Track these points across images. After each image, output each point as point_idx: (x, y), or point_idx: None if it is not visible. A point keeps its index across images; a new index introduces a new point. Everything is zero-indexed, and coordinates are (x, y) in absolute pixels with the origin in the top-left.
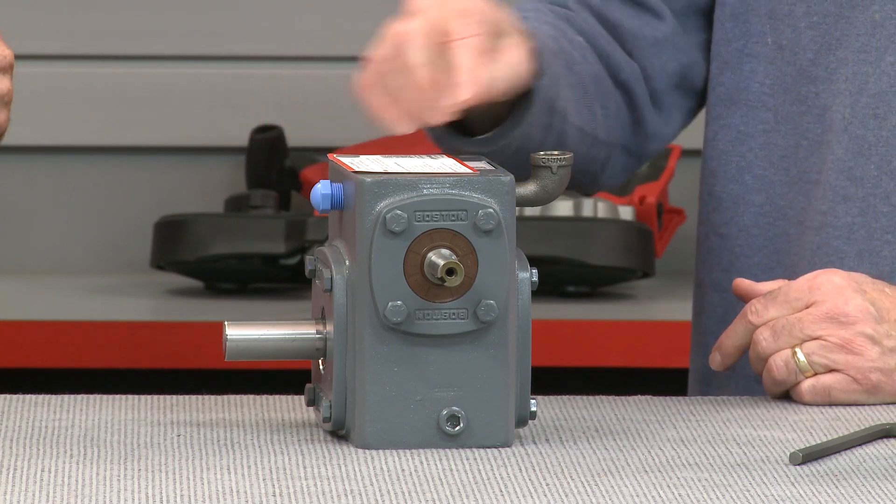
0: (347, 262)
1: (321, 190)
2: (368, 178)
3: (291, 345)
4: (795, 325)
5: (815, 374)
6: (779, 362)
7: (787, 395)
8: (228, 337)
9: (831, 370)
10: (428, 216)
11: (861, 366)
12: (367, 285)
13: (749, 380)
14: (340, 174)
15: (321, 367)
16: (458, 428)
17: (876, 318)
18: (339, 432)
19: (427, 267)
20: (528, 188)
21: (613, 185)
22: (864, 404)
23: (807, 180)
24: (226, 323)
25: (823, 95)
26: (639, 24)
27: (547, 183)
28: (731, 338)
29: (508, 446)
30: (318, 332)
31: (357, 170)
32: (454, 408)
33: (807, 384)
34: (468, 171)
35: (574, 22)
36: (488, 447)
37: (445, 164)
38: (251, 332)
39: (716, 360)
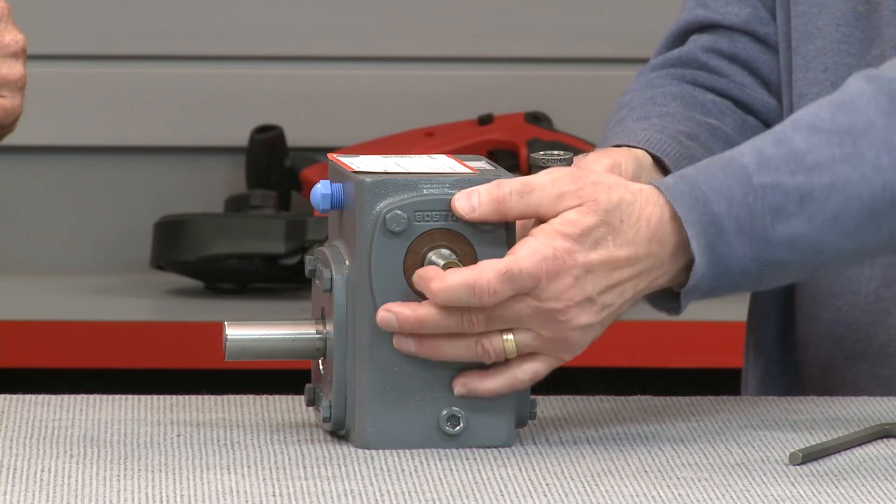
0: (347, 262)
1: (321, 190)
2: (368, 178)
3: (291, 345)
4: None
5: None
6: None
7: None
8: (228, 337)
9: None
10: (428, 216)
11: (571, 351)
12: (367, 285)
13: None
14: (340, 174)
15: (321, 367)
16: (458, 428)
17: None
18: (338, 432)
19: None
20: None
21: None
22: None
23: None
24: (226, 323)
25: (800, 84)
26: (770, 58)
27: None
28: None
29: (509, 446)
30: (318, 332)
31: (357, 170)
32: (454, 408)
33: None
34: (468, 170)
35: (699, 89)
36: (489, 447)
37: (445, 164)
38: (251, 332)
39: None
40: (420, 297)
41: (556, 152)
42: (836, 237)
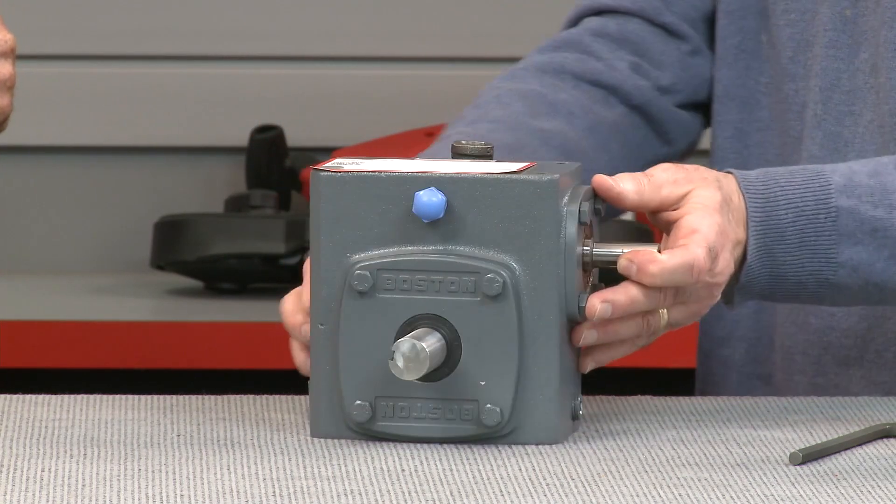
0: (517, 269)
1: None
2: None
3: None
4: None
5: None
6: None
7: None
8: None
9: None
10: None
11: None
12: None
13: (752, 377)
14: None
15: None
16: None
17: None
18: (492, 434)
19: None
20: None
21: None
22: None
23: None
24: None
25: (801, 93)
26: (661, 43)
27: None
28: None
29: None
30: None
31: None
32: (578, 398)
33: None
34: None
35: (566, 73)
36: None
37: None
38: None
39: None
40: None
41: (478, 141)
42: None
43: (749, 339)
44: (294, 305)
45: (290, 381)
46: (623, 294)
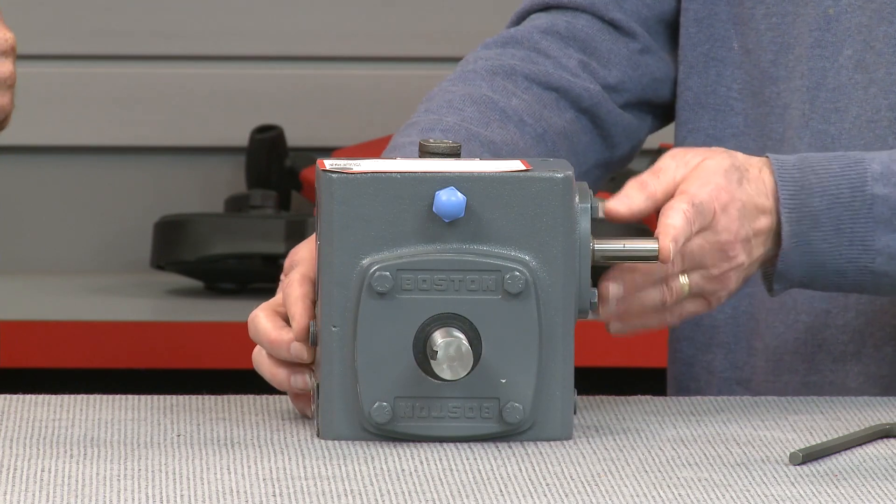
0: (534, 265)
1: (452, 196)
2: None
3: None
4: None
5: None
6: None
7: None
8: None
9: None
10: None
11: (721, 295)
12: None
13: (730, 382)
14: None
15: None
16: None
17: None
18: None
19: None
20: None
21: None
22: None
23: None
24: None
25: (784, 95)
26: (610, 39)
27: None
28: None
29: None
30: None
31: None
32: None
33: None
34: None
35: (517, 75)
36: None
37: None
38: None
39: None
40: None
41: (445, 140)
42: None
43: (727, 346)
44: (274, 322)
45: None
46: (630, 269)
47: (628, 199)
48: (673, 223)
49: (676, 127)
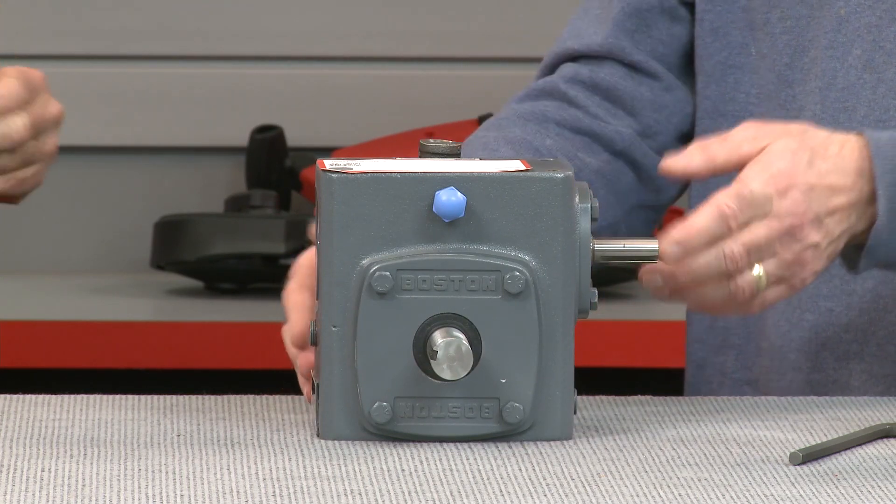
0: (533, 265)
1: (452, 195)
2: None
3: None
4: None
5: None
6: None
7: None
8: None
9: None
10: None
11: (804, 277)
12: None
13: (740, 383)
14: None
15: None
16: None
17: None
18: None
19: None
20: None
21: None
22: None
23: None
24: None
25: (799, 97)
26: (634, 84)
27: None
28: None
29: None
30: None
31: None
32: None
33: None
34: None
35: (549, 121)
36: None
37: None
38: None
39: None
40: None
41: (446, 140)
42: None
43: (739, 347)
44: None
45: (289, 381)
46: (683, 229)
47: (687, 159)
48: (695, 222)
49: (696, 136)
